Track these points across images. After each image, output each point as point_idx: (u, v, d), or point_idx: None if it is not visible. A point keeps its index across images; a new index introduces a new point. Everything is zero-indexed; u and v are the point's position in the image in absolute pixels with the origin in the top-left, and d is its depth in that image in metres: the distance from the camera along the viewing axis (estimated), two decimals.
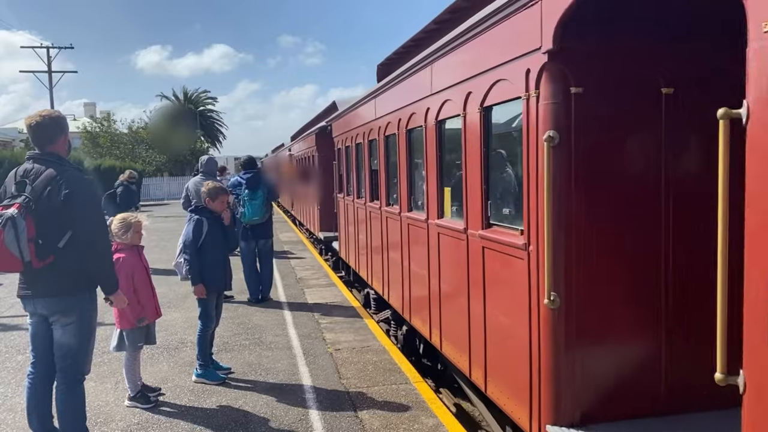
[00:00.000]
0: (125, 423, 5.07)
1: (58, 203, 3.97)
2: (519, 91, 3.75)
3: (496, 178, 4.49)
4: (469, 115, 4.66)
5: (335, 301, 9.58)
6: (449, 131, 5.39)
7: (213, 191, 6.14)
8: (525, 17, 3.62)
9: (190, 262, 5.92)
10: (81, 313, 4.20)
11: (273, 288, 10.01)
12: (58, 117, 4.27)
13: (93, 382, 5.65)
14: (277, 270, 12.02)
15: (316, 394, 5.62)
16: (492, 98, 4.24)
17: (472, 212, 4.71)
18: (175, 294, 9.89)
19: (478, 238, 4.56)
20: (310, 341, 7.31)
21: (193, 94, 70.68)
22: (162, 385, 5.84)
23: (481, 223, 4.55)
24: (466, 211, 4.82)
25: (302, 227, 20.61)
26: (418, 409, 5.24)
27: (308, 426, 4.96)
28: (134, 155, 46.10)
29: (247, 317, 8.51)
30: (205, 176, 9.62)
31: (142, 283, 5.25)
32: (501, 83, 4.06)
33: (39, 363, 4.33)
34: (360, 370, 6.29)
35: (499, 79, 4.08)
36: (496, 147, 4.49)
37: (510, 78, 3.91)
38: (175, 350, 7.04)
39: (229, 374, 6.14)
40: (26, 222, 3.89)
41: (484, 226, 4.51)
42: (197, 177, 9.94)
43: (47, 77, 40.97)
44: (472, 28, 4.45)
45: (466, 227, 4.83)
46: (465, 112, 4.72)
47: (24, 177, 4.06)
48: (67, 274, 4.09)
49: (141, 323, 5.22)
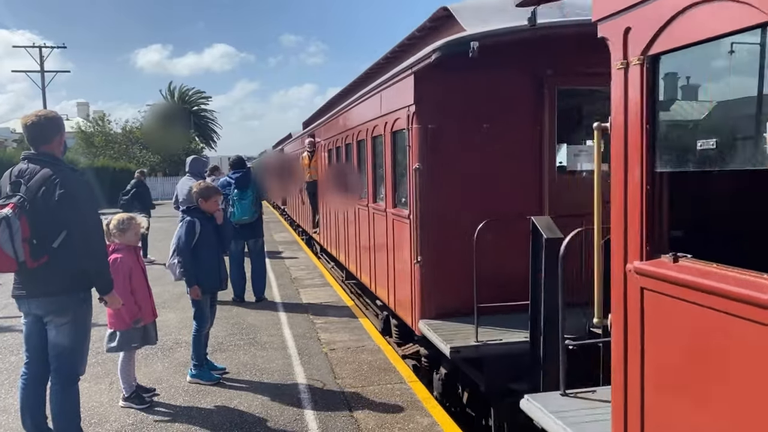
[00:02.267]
0: (120, 424, 5.06)
1: (53, 203, 3.97)
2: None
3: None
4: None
5: (330, 301, 9.59)
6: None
7: (205, 191, 6.12)
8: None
9: (184, 263, 5.90)
10: (75, 314, 4.20)
11: (267, 288, 10.01)
12: (54, 117, 4.27)
13: (87, 382, 5.63)
14: (271, 270, 12.03)
15: (311, 394, 5.62)
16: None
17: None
18: (170, 294, 9.87)
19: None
20: (305, 341, 7.32)
21: (187, 93, 70.55)
22: (157, 385, 5.84)
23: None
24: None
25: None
26: (413, 409, 5.26)
27: (303, 426, 4.96)
28: (129, 155, 45.97)
29: (241, 317, 8.51)
30: (191, 176, 9.62)
31: (140, 283, 5.24)
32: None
33: (33, 363, 4.32)
34: (355, 369, 6.30)
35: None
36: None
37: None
38: (169, 350, 7.03)
39: (223, 374, 6.14)
40: (21, 222, 3.89)
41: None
42: (184, 177, 9.94)
43: (41, 77, 40.80)
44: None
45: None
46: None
47: (19, 177, 4.06)
48: (61, 274, 4.08)
49: (137, 324, 5.20)
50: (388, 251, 7.41)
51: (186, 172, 9.86)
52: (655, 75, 2.69)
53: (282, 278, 11.55)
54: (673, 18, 2.51)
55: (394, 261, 7.17)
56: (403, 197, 6.84)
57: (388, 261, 7.44)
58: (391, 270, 7.33)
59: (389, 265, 7.40)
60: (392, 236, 7.18)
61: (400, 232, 6.83)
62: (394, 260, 7.15)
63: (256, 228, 9.49)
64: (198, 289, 5.89)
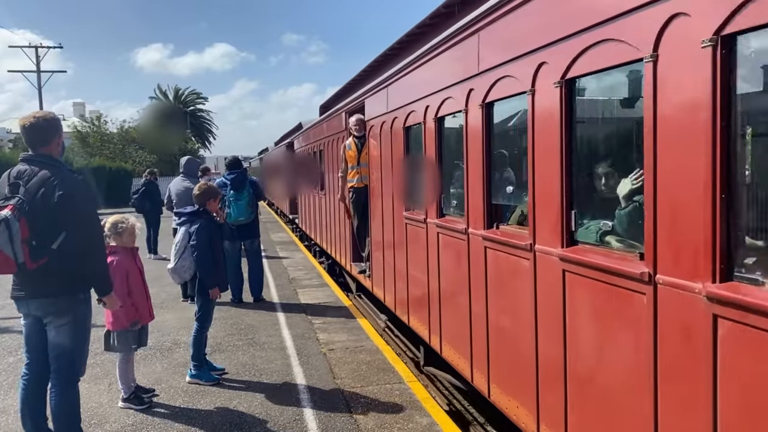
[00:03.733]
0: (119, 424, 5.06)
1: (52, 204, 3.96)
2: None
3: None
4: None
5: (328, 301, 9.59)
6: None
7: (213, 191, 6.19)
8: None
9: (206, 266, 5.89)
10: (75, 314, 4.19)
11: (266, 288, 10.01)
12: (52, 119, 4.26)
13: (87, 383, 5.63)
14: (269, 270, 12.03)
15: (311, 394, 5.63)
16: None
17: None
18: (168, 294, 9.86)
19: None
20: (303, 341, 7.32)
21: (183, 93, 70.43)
22: (156, 386, 5.83)
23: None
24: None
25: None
26: (412, 409, 5.27)
27: (303, 426, 4.97)
28: (124, 155, 45.82)
29: (240, 318, 8.51)
30: (186, 177, 9.59)
31: (137, 285, 5.23)
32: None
33: (33, 364, 4.32)
34: (354, 369, 6.31)
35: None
36: None
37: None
38: (168, 351, 7.02)
39: (223, 375, 6.14)
40: (20, 223, 3.88)
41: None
42: (178, 178, 9.91)
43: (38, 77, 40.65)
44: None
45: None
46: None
47: (17, 178, 4.06)
48: (60, 275, 4.08)
49: (135, 326, 5.20)
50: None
51: (181, 172, 9.85)
52: None
53: (280, 279, 11.55)
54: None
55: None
56: None
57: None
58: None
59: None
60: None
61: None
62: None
63: (253, 228, 9.47)
64: (218, 290, 5.99)
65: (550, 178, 3.64)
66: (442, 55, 5.45)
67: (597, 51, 3.13)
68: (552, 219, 3.64)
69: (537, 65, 3.72)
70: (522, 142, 4.12)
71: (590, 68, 3.22)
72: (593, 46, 3.15)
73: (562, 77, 3.44)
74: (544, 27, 3.63)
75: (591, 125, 3.61)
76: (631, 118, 3.17)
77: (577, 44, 3.28)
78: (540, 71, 3.69)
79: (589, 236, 3.42)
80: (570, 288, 3.51)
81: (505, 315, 4.41)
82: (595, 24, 3.11)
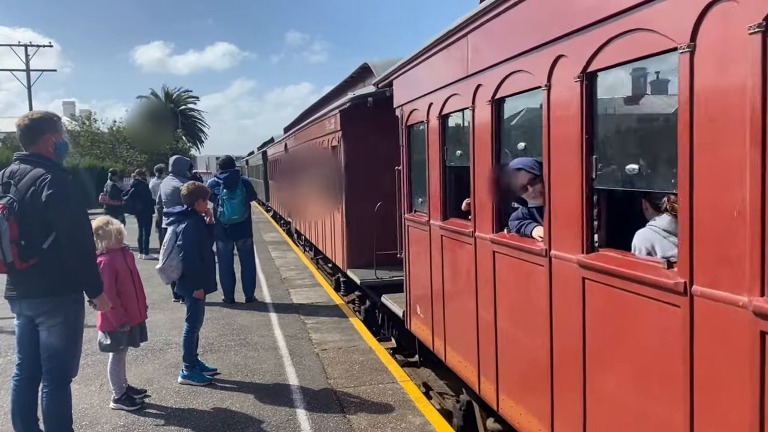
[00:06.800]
0: (111, 425, 5.03)
1: (41, 204, 3.94)
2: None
3: None
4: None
5: (321, 301, 9.59)
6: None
7: (202, 191, 6.14)
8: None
9: (194, 266, 5.86)
10: (67, 315, 4.17)
11: (258, 288, 9.99)
12: (39, 118, 4.22)
13: (78, 384, 5.60)
14: (261, 270, 12.01)
15: (303, 395, 5.62)
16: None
17: None
18: (159, 295, 9.82)
19: None
20: (296, 341, 7.31)
21: (174, 92, 70.15)
22: (147, 386, 5.81)
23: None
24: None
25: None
26: (404, 408, 5.28)
27: (296, 426, 4.97)
28: (115, 154, 45.57)
29: (231, 318, 8.48)
30: (174, 176, 9.55)
31: (127, 286, 5.18)
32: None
33: (25, 365, 4.28)
34: (347, 369, 6.31)
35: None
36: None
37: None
38: (159, 351, 7.00)
39: (215, 375, 6.12)
40: (9, 223, 3.86)
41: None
42: (167, 177, 9.86)
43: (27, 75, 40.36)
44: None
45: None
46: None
47: (10, 178, 4.03)
48: (51, 275, 4.06)
49: (123, 328, 5.15)
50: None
51: (170, 172, 9.81)
52: None
53: (272, 279, 11.53)
54: None
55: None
56: None
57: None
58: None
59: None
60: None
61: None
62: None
63: (246, 228, 9.45)
64: (203, 291, 5.96)
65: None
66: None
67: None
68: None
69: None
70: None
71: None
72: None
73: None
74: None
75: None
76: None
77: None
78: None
79: None
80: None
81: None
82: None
